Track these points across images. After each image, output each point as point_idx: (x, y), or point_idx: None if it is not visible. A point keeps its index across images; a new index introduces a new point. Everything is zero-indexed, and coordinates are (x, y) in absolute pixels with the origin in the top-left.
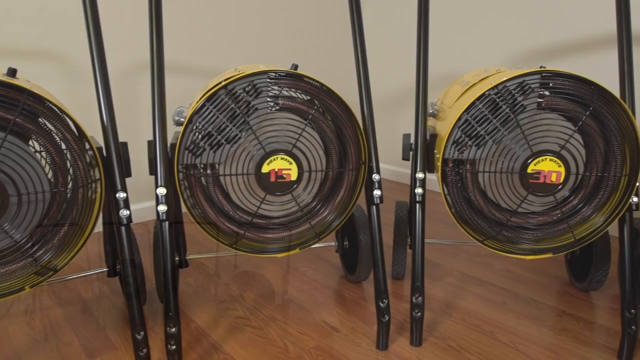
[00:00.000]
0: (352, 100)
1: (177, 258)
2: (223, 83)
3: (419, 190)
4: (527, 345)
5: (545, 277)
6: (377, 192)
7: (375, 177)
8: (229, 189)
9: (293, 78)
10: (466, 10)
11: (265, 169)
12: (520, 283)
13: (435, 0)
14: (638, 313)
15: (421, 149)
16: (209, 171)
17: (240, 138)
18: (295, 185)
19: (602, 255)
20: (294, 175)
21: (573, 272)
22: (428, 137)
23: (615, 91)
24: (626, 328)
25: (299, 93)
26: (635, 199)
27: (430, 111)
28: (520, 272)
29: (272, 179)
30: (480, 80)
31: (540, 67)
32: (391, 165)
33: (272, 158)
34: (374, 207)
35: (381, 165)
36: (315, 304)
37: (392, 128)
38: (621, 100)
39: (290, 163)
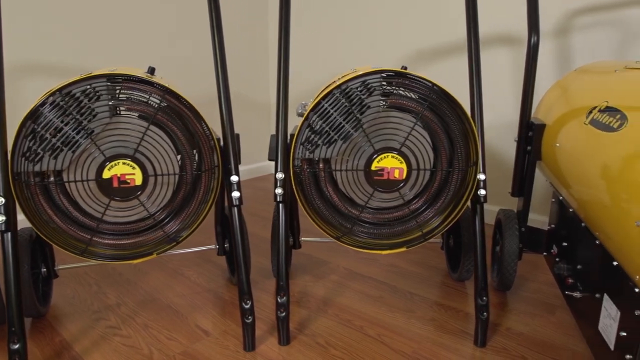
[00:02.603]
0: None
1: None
2: None
3: (279, 191)
4: (392, 338)
5: (428, 270)
6: (235, 194)
7: (234, 178)
8: (75, 195)
9: None
10: (361, 12)
11: (107, 175)
12: (401, 277)
13: (331, 2)
14: (490, 300)
15: (281, 150)
16: (52, 178)
17: (80, 145)
18: (139, 192)
19: (469, 245)
20: (138, 180)
21: (449, 263)
22: (288, 138)
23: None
24: (479, 314)
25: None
26: (483, 192)
27: (300, 111)
28: (404, 266)
29: (115, 184)
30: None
31: (402, 67)
32: None
33: (113, 163)
34: (235, 208)
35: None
36: (193, 309)
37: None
38: (458, 100)
39: (134, 168)
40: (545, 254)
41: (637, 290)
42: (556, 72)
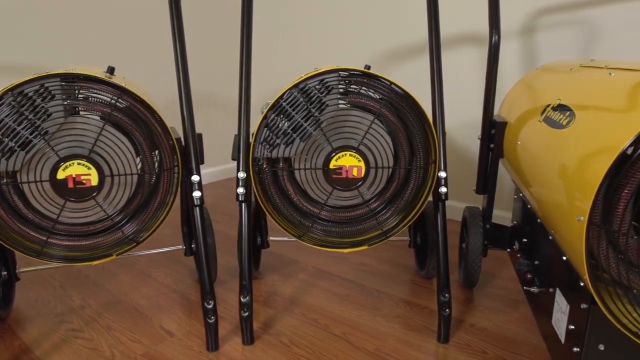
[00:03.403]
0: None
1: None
2: None
3: (240, 190)
4: (357, 335)
5: (397, 268)
6: (197, 194)
7: (195, 178)
8: (29, 196)
9: None
10: (330, 11)
11: (61, 175)
12: (370, 275)
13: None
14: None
15: (243, 149)
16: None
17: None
18: (95, 193)
19: (433, 242)
20: (94, 181)
21: (418, 260)
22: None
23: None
24: (441, 311)
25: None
26: (444, 189)
27: (263, 110)
28: (374, 264)
29: (70, 184)
30: None
31: (366, 66)
32: None
33: (68, 164)
34: (197, 208)
35: None
36: (158, 310)
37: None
38: (416, 99)
39: (89, 168)
40: (509, 250)
41: (582, 284)
42: (522, 70)
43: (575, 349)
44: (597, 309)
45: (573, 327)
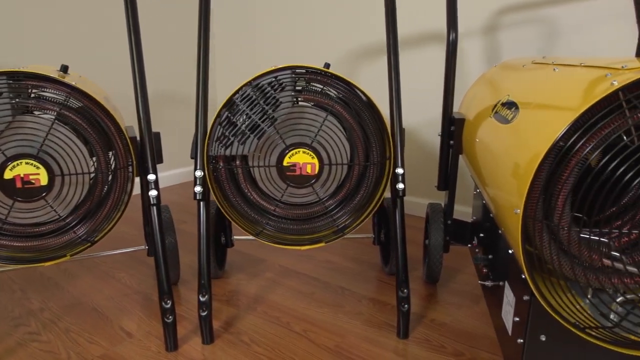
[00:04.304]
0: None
1: None
2: None
3: (198, 189)
4: (317, 333)
5: (363, 265)
6: (153, 193)
7: (151, 177)
8: None
9: None
10: (298, 10)
11: (9, 175)
12: (336, 273)
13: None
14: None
15: (200, 148)
16: None
17: None
18: (45, 193)
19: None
20: (43, 180)
21: (382, 257)
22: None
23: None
24: (400, 306)
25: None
26: (401, 186)
27: None
28: (340, 262)
29: (18, 184)
30: None
31: (325, 64)
32: None
33: (15, 163)
34: (154, 207)
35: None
36: (120, 311)
37: None
38: (370, 96)
39: (38, 168)
40: (469, 245)
41: (523, 276)
42: (486, 68)
43: (519, 340)
44: (538, 301)
45: (518, 319)
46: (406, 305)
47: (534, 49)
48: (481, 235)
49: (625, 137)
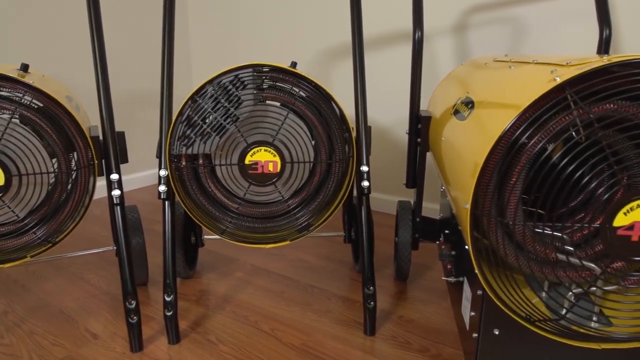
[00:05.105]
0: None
1: None
2: None
3: (162, 188)
4: (285, 331)
5: (335, 264)
6: (116, 192)
7: (114, 176)
8: None
9: None
10: (272, 9)
11: None
12: (308, 271)
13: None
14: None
15: (164, 147)
16: None
17: None
18: (1, 193)
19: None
20: (0, 180)
21: (353, 255)
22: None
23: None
24: (366, 304)
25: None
26: (366, 183)
27: None
28: (312, 260)
29: None
30: None
31: (292, 63)
32: None
33: None
34: (118, 207)
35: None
36: (86, 312)
37: None
38: (331, 94)
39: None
40: (437, 242)
41: (475, 271)
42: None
43: (474, 335)
44: (489, 295)
45: (474, 313)
46: (372, 302)
47: (505, 47)
48: (446, 232)
49: (575, 134)
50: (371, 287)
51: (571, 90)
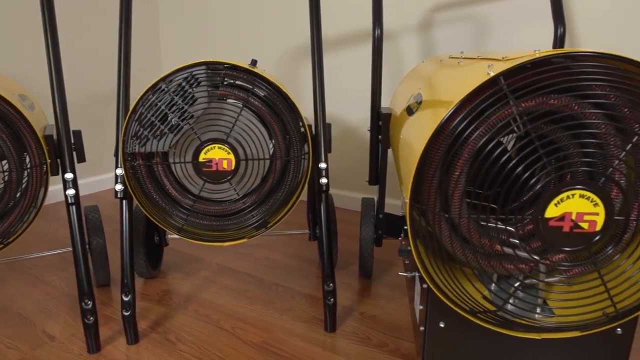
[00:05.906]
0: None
1: None
2: None
3: (118, 187)
4: (245, 329)
5: (302, 262)
6: (70, 192)
7: (68, 176)
8: None
9: None
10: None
11: None
12: (273, 269)
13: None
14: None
15: (121, 146)
16: None
17: None
18: None
19: (333, 234)
20: None
21: (320, 253)
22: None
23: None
24: (326, 300)
25: None
26: (324, 180)
27: None
28: (278, 259)
29: None
30: None
31: (252, 60)
32: None
33: None
34: (73, 207)
35: None
36: (45, 315)
37: None
38: (286, 92)
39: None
40: (399, 238)
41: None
42: None
43: (421, 328)
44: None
45: (422, 307)
46: (332, 299)
47: (471, 45)
48: (405, 227)
49: (517, 129)
50: (331, 284)
51: (504, 83)
